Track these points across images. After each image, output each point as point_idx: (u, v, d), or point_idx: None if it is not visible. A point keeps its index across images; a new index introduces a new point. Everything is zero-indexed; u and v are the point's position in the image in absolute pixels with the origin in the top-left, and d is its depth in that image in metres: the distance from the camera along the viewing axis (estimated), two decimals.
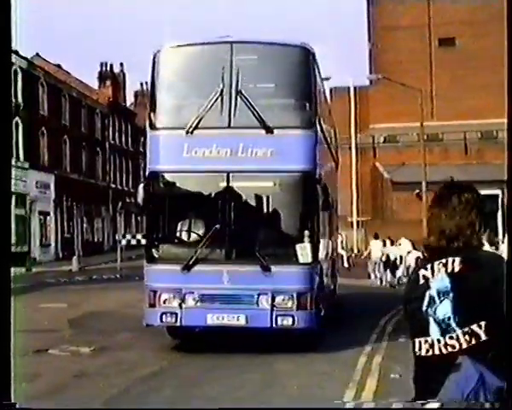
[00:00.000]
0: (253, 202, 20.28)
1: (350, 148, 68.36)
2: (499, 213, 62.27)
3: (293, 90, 21.19)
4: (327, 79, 65.86)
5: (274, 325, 19.81)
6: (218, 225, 20.21)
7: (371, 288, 44.12)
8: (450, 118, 67.24)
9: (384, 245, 47.56)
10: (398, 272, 45.87)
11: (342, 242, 52.28)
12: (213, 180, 20.53)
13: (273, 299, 19.76)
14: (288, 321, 19.76)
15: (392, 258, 46.40)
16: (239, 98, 20.23)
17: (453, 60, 71.18)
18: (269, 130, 20.02)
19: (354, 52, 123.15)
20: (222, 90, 20.27)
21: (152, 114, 20.90)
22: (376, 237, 49.18)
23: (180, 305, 19.99)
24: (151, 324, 20.74)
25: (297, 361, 19.41)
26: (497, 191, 63.49)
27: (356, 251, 60.86)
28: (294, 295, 19.76)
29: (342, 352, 20.77)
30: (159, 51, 20.96)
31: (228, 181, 20.16)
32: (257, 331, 20.18)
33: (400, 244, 46.72)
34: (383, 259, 46.99)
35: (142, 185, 20.90)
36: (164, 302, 20.11)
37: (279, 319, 19.75)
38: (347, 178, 65.77)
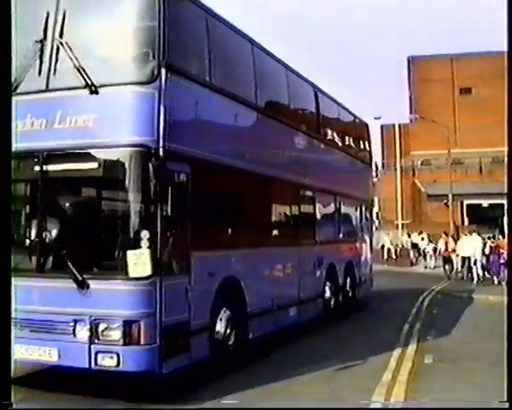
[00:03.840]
0: (72, 192, 8.70)
1: (396, 169, 58.89)
2: (505, 218, 52.47)
3: (129, 37, 9.03)
4: (378, 118, 56.90)
5: (93, 365, 8.26)
6: (23, 224, 9.16)
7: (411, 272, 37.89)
8: (469, 147, 58.20)
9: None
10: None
11: (391, 239, 48.08)
12: (28, 163, 8.96)
13: (94, 328, 8.29)
14: (111, 360, 8.21)
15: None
16: (61, 52, 8.82)
17: (470, 104, 62.35)
18: (93, 89, 8.55)
19: (398, 98, 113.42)
20: (42, 45, 8.97)
21: None
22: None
23: None
24: None
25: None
26: (503, 201, 53.15)
27: (400, 246, 50.42)
28: (121, 324, 8.21)
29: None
30: None
31: (41, 164, 8.75)
32: (73, 372, 8.60)
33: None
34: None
35: None
36: None
37: (100, 356, 8.25)
38: (394, 191, 57.77)
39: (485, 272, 29.91)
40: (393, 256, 46.98)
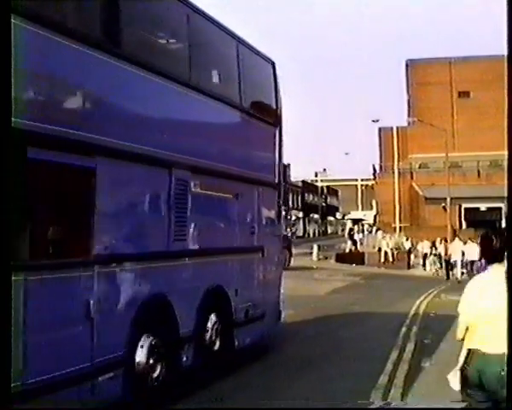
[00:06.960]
0: None
1: (393, 172, 58.97)
2: (503, 221, 53.11)
3: None
4: (376, 121, 56.87)
5: None
6: None
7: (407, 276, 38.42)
8: (467, 150, 58.08)
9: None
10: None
11: (388, 242, 47.74)
12: None
13: None
14: None
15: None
16: None
17: (469, 107, 61.84)
18: None
19: (396, 102, 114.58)
20: None
21: None
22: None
23: None
24: None
25: None
26: (501, 205, 54.17)
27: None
28: None
29: None
30: None
31: None
32: None
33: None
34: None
35: None
36: None
37: None
38: (392, 194, 57.95)
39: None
40: (390, 259, 46.77)
